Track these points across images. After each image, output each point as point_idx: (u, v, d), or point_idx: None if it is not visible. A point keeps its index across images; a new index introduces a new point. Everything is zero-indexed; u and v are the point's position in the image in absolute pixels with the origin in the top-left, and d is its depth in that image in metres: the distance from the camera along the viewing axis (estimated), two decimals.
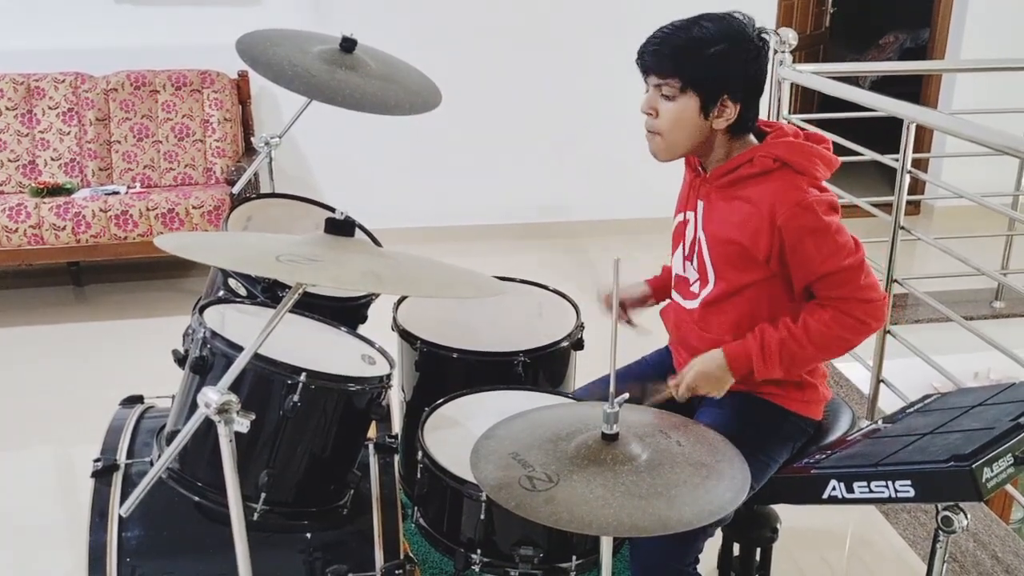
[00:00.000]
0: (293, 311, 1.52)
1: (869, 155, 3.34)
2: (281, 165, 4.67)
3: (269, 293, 2.00)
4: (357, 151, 4.87)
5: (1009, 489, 2.37)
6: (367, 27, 2.68)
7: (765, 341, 1.71)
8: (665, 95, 1.69)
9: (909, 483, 1.54)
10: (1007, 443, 1.50)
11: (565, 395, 1.99)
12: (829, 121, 3.77)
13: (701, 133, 1.71)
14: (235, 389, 1.32)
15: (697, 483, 1.32)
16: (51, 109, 4.30)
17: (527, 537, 1.61)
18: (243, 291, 2.03)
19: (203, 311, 1.72)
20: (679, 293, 1.90)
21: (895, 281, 3.07)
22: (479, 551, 1.64)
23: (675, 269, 1.90)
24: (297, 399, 1.57)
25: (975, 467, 1.46)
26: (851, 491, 1.62)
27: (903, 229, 3.00)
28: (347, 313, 2.12)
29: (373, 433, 1.85)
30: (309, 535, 1.73)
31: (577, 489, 1.28)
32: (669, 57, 1.66)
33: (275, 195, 2.41)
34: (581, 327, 2.17)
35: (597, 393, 1.95)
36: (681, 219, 1.86)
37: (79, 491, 2.77)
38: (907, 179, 2.96)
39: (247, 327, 1.70)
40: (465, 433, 1.74)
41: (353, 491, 1.77)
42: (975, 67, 5.22)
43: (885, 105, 2.97)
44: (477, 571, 1.67)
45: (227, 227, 2.12)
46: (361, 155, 4.89)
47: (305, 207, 2.38)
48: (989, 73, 5.25)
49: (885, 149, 3.34)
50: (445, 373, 2.08)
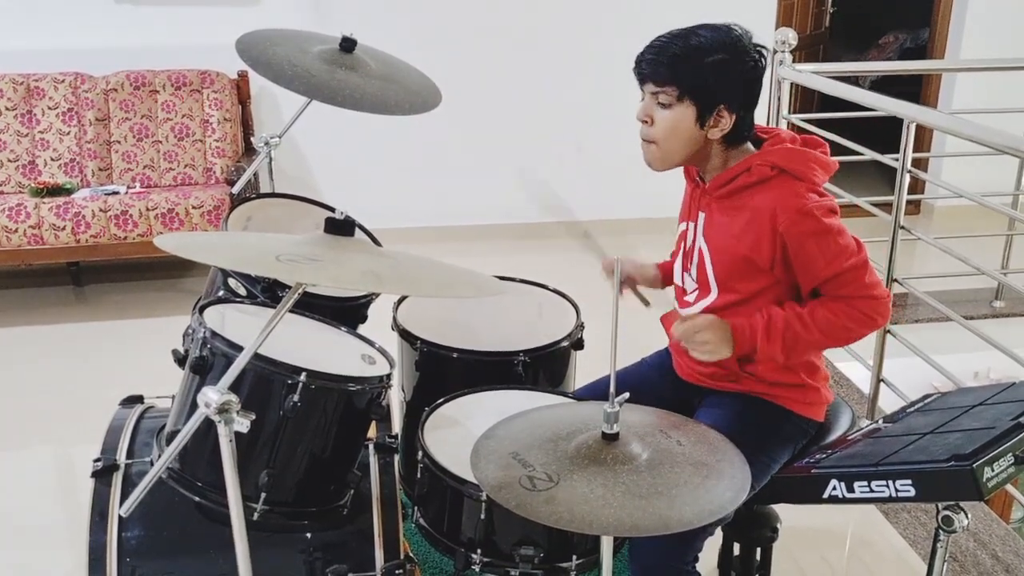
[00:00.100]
0: (293, 311, 1.52)
1: (869, 155, 3.34)
2: (281, 165, 4.67)
3: (269, 293, 2.00)
4: (357, 151, 4.87)
5: (1009, 488, 2.37)
6: (367, 27, 2.68)
7: (772, 319, 1.70)
8: (661, 103, 1.68)
9: (910, 482, 1.54)
10: (1008, 442, 1.50)
11: (565, 395, 1.98)
12: (829, 121, 3.77)
13: (696, 143, 1.71)
14: (235, 389, 1.32)
15: (697, 483, 1.32)
16: (51, 109, 4.30)
17: (527, 537, 1.61)
18: (243, 291, 2.03)
19: (203, 311, 1.72)
20: (677, 302, 1.90)
21: (895, 280, 3.08)
22: (479, 551, 1.64)
23: (676, 278, 1.90)
24: (297, 399, 1.57)
25: (976, 466, 1.46)
26: (852, 491, 1.62)
27: (903, 229, 3.00)
28: (347, 313, 2.12)
29: (373, 433, 1.84)
30: (309, 535, 1.73)
31: (577, 489, 1.28)
32: (667, 65, 1.65)
33: (275, 195, 2.42)
34: (581, 327, 2.17)
35: (598, 393, 1.95)
36: (683, 229, 1.87)
37: (79, 491, 2.77)
38: (907, 179, 2.96)
39: (247, 327, 1.70)
40: (465, 433, 1.74)
41: (353, 491, 1.77)
42: (975, 67, 5.22)
43: (885, 105, 2.97)
44: (477, 571, 1.67)
45: (227, 227, 2.12)
46: (361, 155, 4.89)
47: (305, 207, 2.38)
48: (989, 73, 5.25)
49: (885, 149, 3.34)
50: (445, 373, 2.08)
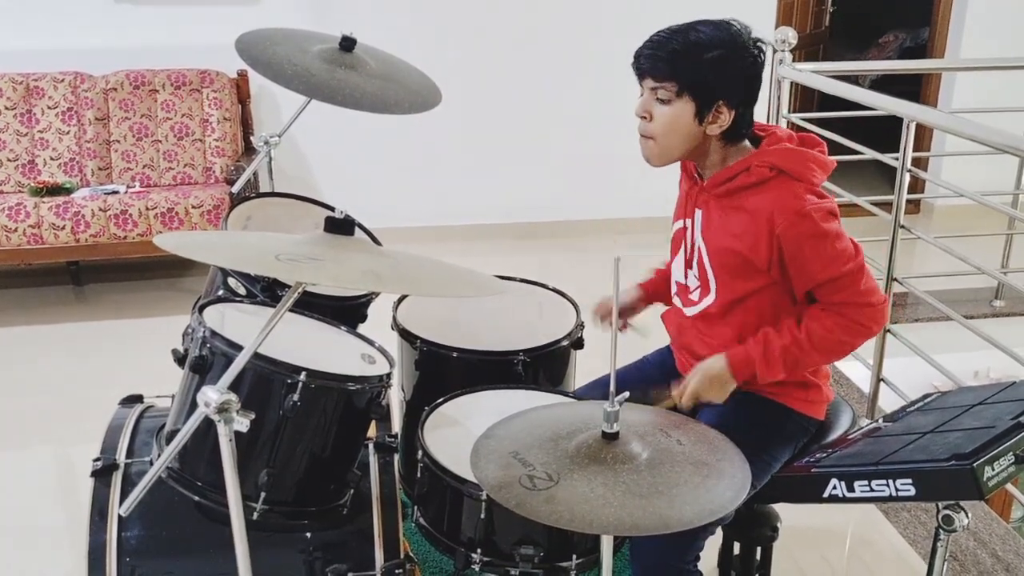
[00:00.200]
0: (293, 310, 1.51)
1: (869, 154, 3.34)
2: (281, 164, 4.66)
3: (269, 292, 2.00)
4: (357, 150, 4.87)
5: (1009, 488, 2.36)
6: (367, 26, 2.68)
7: (768, 347, 1.71)
8: (660, 99, 1.68)
9: (910, 482, 1.54)
10: (1008, 442, 1.50)
11: (565, 394, 1.98)
12: (829, 120, 3.78)
13: (695, 139, 1.71)
14: (235, 388, 1.32)
15: (698, 482, 1.32)
16: (50, 109, 4.30)
17: (527, 536, 1.61)
18: (243, 290, 2.03)
19: (203, 310, 1.71)
20: (680, 300, 1.89)
21: (895, 280, 3.07)
22: (479, 550, 1.64)
23: (676, 276, 1.89)
24: (297, 398, 1.57)
25: (976, 466, 1.46)
26: (852, 490, 1.62)
27: (903, 228, 3.00)
28: (347, 312, 2.11)
29: (373, 432, 1.84)
30: (309, 534, 1.73)
31: (578, 488, 1.28)
32: (666, 61, 1.65)
33: (275, 194, 2.41)
34: (581, 326, 2.17)
35: (598, 393, 1.95)
36: (680, 226, 1.86)
37: (79, 491, 2.77)
38: (907, 178, 2.95)
39: (247, 326, 1.70)
40: (465, 432, 1.74)
41: (353, 490, 1.76)
42: (975, 66, 5.21)
43: (885, 104, 2.97)
44: (477, 570, 1.67)
45: (227, 226, 2.12)
46: (361, 154, 4.89)
47: (305, 206, 2.38)
48: (989, 72, 5.25)
49: (885, 148, 3.34)
50: (445, 372, 2.07)
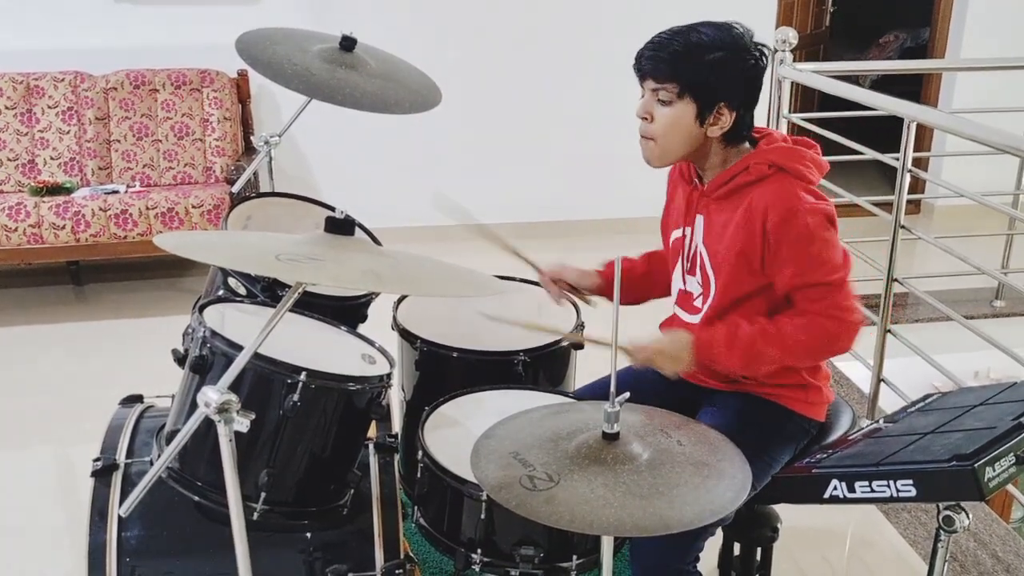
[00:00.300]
0: (293, 310, 1.51)
1: (869, 154, 3.34)
2: (281, 164, 4.66)
3: (269, 292, 2.00)
4: (357, 150, 4.87)
5: (1009, 488, 2.36)
6: (367, 26, 2.67)
7: (737, 334, 1.69)
8: (661, 100, 1.68)
9: (911, 482, 1.54)
10: (1009, 442, 1.50)
11: (565, 395, 1.98)
12: (829, 120, 3.78)
13: (695, 140, 1.70)
14: (235, 388, 1.32)
15: (698, 483, 1.32)
16: (50, 108, 4.30)
17: (528, 537, 1.61)
18: (243, 290, 2.03)
19: (203, 310, 1.71)
20: (682, 308, 1.88)
21: (895, 280, 3.07)
22: (479, 551, 1.64)
23: (676, 284, 1.88)
24: (297, 398, 1.57)
25: (977, 466, 1.45)
26: (853, 491, 1.61)
27: (903, 228, 3.00)
28: (347, 312, 2.11)
29: (373, 433, 1.84)
30: (309, 535, 1.73)
31: (578, 489, 1.28)
32: (667, 62, 1.65)
33: (275, 194, 2.41)
34: (581, 327, 2.17)
35: (598, 393, 1.95)
36: (679, 235, 1.85)
37: (79, 491, 2.76)
38: (907, 178, 2.95)
39: (247, 326, 1.70)
40: (465, 432, 1.74)
41: (353, 491, 1.76)
42: (975, 66, 5.21)
43: (885, 104, 2.97)
44: (477, 571, 1.67)
45: (227, 226, 2.12)
46: (361, 154, 4.89)
47: (305, 206, 2.38)
48: (989, 72, 5.25)
49: (885, 148, 3.34)
50: (445, 372, 2.07)
